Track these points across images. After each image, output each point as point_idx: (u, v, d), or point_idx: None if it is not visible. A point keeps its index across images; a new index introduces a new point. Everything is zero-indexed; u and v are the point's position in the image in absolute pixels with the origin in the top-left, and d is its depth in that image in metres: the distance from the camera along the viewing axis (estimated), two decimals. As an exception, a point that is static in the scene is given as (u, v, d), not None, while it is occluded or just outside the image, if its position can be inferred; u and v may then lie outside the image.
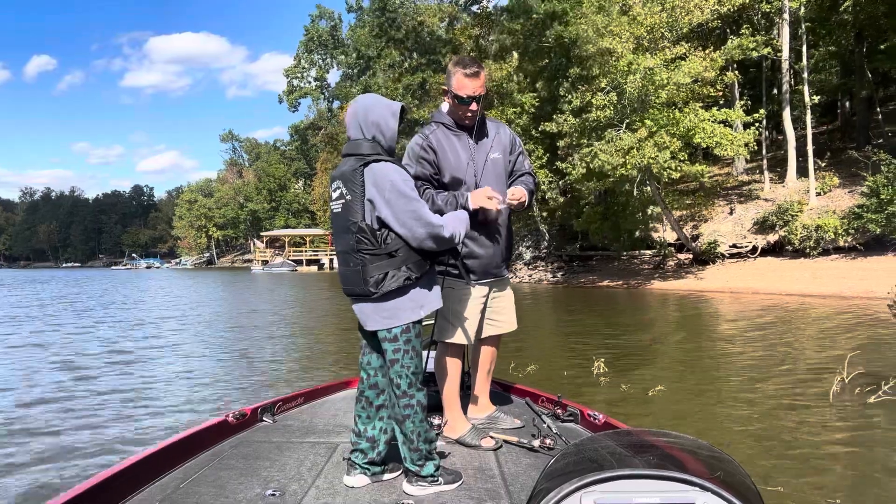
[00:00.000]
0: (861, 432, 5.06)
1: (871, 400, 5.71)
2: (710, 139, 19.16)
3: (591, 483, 1.27)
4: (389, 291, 2.35)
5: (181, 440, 2.72)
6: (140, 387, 7.36)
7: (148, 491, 2.37)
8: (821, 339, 9.92)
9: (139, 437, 5.25)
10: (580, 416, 3.11)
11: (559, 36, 24.96)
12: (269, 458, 2.73)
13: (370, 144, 2.40)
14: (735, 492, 1.24)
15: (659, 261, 25.41)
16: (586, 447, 1.58)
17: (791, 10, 23.00)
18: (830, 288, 17.18)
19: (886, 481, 3.98)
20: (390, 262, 2.34)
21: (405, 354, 2.39)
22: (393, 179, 2.31)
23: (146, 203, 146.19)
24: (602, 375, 7.11)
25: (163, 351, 10.36)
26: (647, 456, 1.43)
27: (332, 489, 2.42)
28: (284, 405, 3.47)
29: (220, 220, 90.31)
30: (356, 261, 2.37)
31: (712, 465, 1.36)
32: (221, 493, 2.35)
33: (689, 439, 1.54)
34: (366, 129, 2.42)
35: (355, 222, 2.34)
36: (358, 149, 2.40)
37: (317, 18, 73.05)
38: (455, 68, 2.87)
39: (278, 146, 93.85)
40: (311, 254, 70.16)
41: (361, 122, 2.43)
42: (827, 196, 22.73)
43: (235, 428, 3.08)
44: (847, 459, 4.43)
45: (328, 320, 16.20)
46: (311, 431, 3.14)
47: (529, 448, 2.78)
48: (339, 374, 7.63)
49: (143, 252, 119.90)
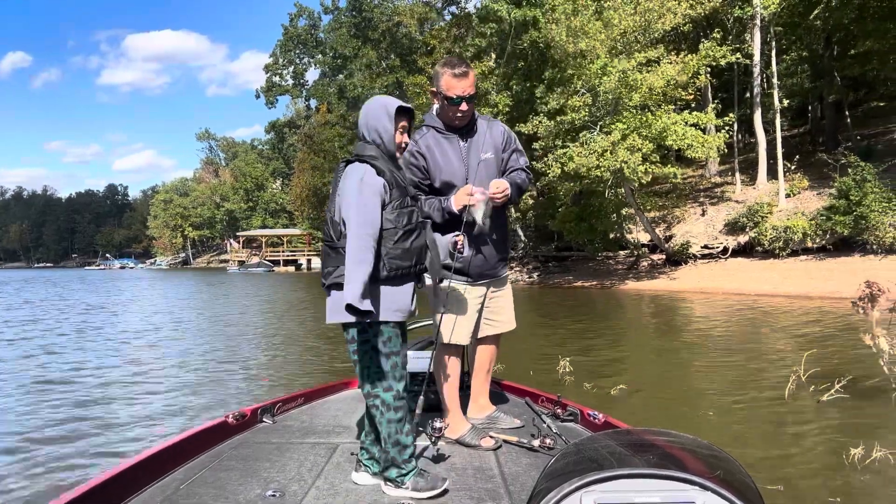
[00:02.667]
0: (811, 429, 5.16)
1: (824, 398, 5.82)
2: (681, 141, 19.40)
3: (592, 483, 1.27)
4: (334, 284, 2.39)
5: (181, 441, 2.71)
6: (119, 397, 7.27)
7: (148, 492, 2.36)
8: (784, 339, 10.09)
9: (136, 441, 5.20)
10: (580, 415, 3.13)
11: (533, 41, 25.09)
12: (270, 459, 2.73)
13: (370, 147, 2.45)
14: (735, 491, 1.24)
15: (633, 261, 25.65)
16: (586, 447, 1.59)
17: (763, 15, 23.34)
18: (798, 288, 17.48)
19: (832, 478, 4.07)
20: (339, 256, 2.38)
21: (364, 355, 2.40)
22: (352, 180, 2.36)
23: (121, 202, 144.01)
24: (567, 374, 7.17)
25: (147, 363, 10.23)
26: (647, 455, 1.44)
27: (333, 490, 2.42)
28: (284, 406, 3.47)
29: (196, 220, 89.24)
30: (327, 251, 2.46)
31: (712, 465, 1.37)
32: (222, 494, 2.35)
33: (689, 438, 1.55)
34: (367, 132, 2.47)
35: (331, 216, 2.44)
36: (360, 150, 2.46)
37: (296, 17, 72.60)
38: (443, 69, 2.85)
39: (255, 145, 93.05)
40: (289, 254, 69.68)
41: (363, 125, 2.49)
42: (796, 198, 23.12)
43: (235, 429, 3.07)
44: (796, 457, 4.51)
45: (298, 319, 16.11)
46: (311, 432, 3.13)
47: (529, 448, 2.78)
48: (326, 377, 7.62)
49: (117, 252, 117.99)
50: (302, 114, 74.62)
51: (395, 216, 2.38)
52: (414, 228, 2.44)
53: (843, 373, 6.33)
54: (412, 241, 2.42)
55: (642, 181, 20.04)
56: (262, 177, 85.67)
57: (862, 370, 6.68)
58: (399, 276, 2.40)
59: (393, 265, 2.37)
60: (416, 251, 2.44)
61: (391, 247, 2.37)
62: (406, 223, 2.40)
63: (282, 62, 73.51)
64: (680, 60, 19.79)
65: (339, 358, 9.01)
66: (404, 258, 2.40)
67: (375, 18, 41.62)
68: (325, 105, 55.55)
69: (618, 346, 10.19)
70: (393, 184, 2.40)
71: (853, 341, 7.34)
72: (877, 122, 29.47)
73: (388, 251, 2.36)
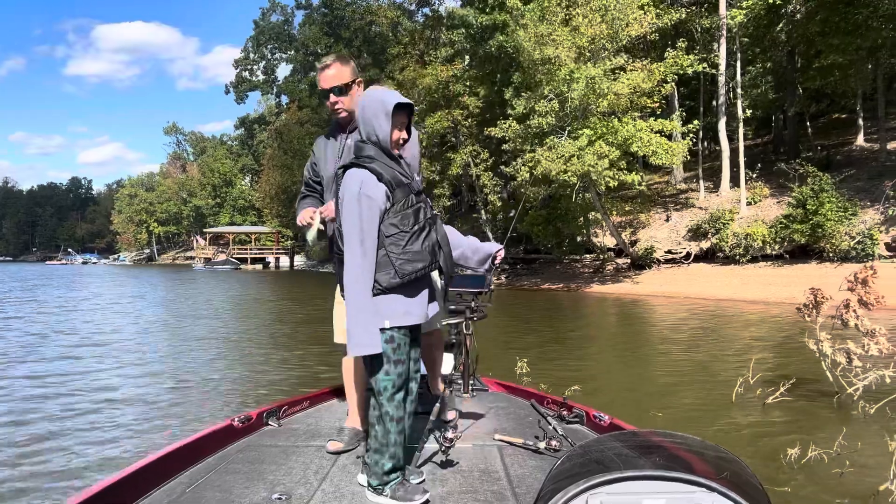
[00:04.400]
0: (754, 430, 5.30)
1: (769, 400, 5.98)
2: (647, 148, 19.70)
3: (598, 484, 1.27)
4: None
5: (187, 445, 2.68)
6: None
7: (154, 496, 2.34)
8: (739, 343, 10.32)
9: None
10: (586, 417, 3.11)
11: (501, 45, 25.26)
12: (275, 463, 2.71)
13: (368, 146, 2.32)
14: (742, 492, 1.24)
15: (599, 265, 25.98)
16: (592, 448, 1.58)
17: (729, 27, 23.83)
18: (757, 294, 17.88)
19: (769, 478, 4.18)
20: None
21: (374, 359, 2.31)
22: (351, 192, 2.25)
23: (84, 196, 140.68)
24: (525, 375, 7.22)
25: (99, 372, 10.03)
26: (653, 457, 1.44)
27: (339, 493, 2.40)
28: (290, 409, 3.44)
29: (161, 216, 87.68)
30: (334, 261, 2.39)
31: (719, 466, 1.36)
32: (227, 498, 2.33)
33: (695, 440, 1.54)
34: (364, 129, 2.33)
35: (338, 227, 2.32)
36: (358, 151, 2.33)
37: (268, 12, 71.87)
38: (318, 65, 2.88)
39: (225, 140, 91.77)
40: (257, 252, 68.91)
41: (361, 121, 2.34)
42: (757, 206, 23.64)
43: (241, 432, 3.05)
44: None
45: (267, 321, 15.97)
46: (316, 435, 3.10)
47: (535, 450, 2.77)
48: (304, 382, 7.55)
49: (79, 247, 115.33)
50: (273, 110, 73.89)
51: (400, 219, 2.26)
52: (423, 227, 2.30)
53: (791, 376, 6.50)
54: (423, 242, 2.29)
55: (609, 185, 20.32)
56: (230, 173, 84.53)
57: (808, 374, 6.88)
58: (412, 280, 2.29)
59: (405, 271, 2.25)
60: (428, 251, 2.30)
61: (400, 252, 2.24)
62: (413, 224, 2.27)
63: (253, 57, 72.73)
64: (645, 68, 20.10)
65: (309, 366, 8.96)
66: (416, 260, 2.27)
67: (348, 17, 41.42)
68: (296, 102, 55.07)
69: (578, 348, 10.31)
70: (394, 184, 2.28)
71: (802, 346, 7.54)
72: (838, 133, 30.31)
73: (397, 257, 2.24)
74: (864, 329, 5.68)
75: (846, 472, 4.13)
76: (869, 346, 5.57)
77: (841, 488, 3.96)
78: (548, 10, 20.40)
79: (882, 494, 3.72)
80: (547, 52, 19.48)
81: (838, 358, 5.82)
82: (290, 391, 6.72)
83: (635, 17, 19.78)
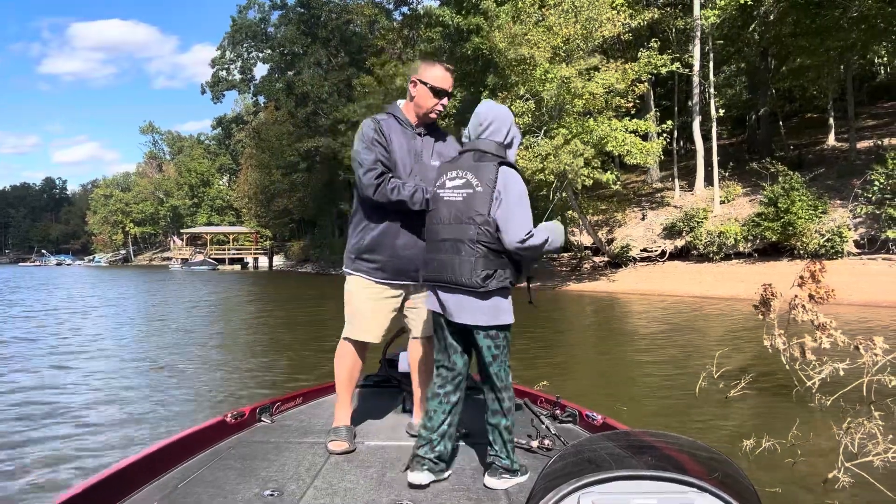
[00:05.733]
0: (715, 423, 5.42)
1: (731, 394, 6.11)
2: (621, 147, 19.90)
3: (590, 484, 1.27)
4: (493, 290, 2.41)
5: (179, 440, 2.68)
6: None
7: (146, 490, 2.33)
8: (708, 338, 10.51)
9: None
10: (579, 416, 3.13)
11: (476, 46, 25.37)
12: (268, 459, 2.71)
13: (500, 148, 2.52)
14: (733, 493, 1.24)
15: (576, 263, 26.19)
16: (585, 448, 1.59)
17: (703, 27, 24.15)
18: (728, 291, 18.14)
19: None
20: (500, 261, 2.42)
21: (504, 351, 2.48)
22: (521, 188, 2.45)
23: (59, 196, 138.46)
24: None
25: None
26: (645, 457, 1.44)
27: (331, 489, 2.40)
28: (283, 405, 3.43)
29: (138, 216, 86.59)
30: (471, 251, 2.41)
31: (710, 467, 1.37)
32: (219, 493, 2.33)
33: (687, 440, 1.55)
34: (501, 133, 2.54)
35: (482, 214, 2.40)
36: (489, 148, 2.50)
37: (245, 9, 71.15)
38: (434, 62, 2.91)
39: (202, 140, 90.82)
40: (235, 252, 68.37)
41: (499, 127, 2.54)
42: (730, 204, 23.99)
43: (234, 428, 3.04)
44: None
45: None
46: (309, 431, 3.11)
47: (528, 449, 2.77)
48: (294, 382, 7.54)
49: (53, 248, 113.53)
50: (250, 109, 73.30)
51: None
52: None
53: (753, 371, 6.65)
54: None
55: (585, 184, 20.49)
56: (208, 172, 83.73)
57: (770, 368, 7.03)
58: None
59: (514, 271, 2.51)
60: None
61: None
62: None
63: (230, 56, 71.99)
64: (618, 67, 20.29)
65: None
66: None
67: (325, 16, 41.24)
68: (273, 103, 54.71)
69: (550, 345, 10.40)
70: None
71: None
72: (810, 132, 30.85)
73: (510, 260, 2.47)
74: (817, 323, 5.83)
75: (798, 461, 4.25)
76: (821, 340, 5.72)
77: (792, 476, 4.07)
78: (522, 11, 20.51)
79: (830, 481, 3.83)
80: (522, 51, 19.60)
81: (794, 353, 5.97)
82: (281, 388, 6.72)
83: (608, 18, 19.96)
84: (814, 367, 5.93)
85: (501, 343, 2.46)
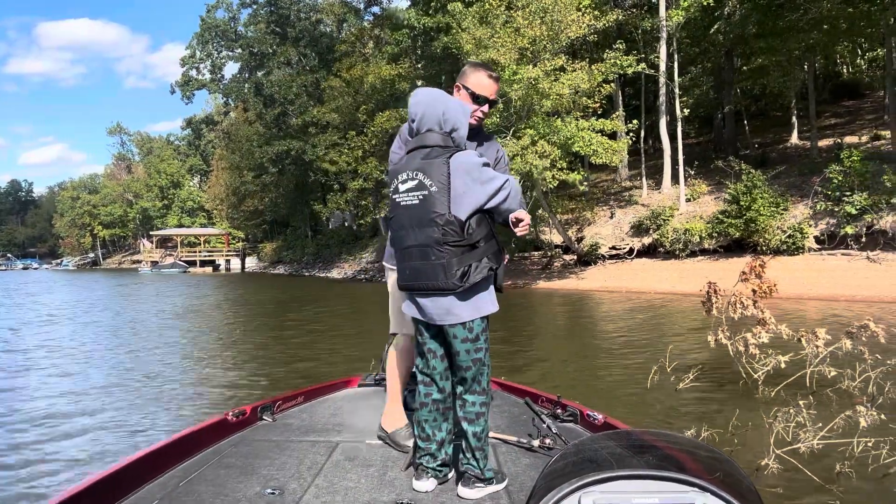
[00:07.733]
0: (662, 414, 5.58)
1: (680, 386, 6.30)
2: (588, 147, 20.14)
3: (590, 483, 1.28)
4: (475, 283, 2.32)
5: (181, 439, 2.68)
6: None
7: (148, 489, 2.34)
8: (666, 332, 10.72)
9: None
10: (580, 416, 3.12)
11: (446, 47, 25.49)
12: (269, 457, 2.71)
13: (445, 138, 2.39)
14: (734, 492, 1.25)
15: (546, 261, 26.43)
16: (585, 447, 1.58)
17: (668, 28, 24.53)
18: (693, 287, 18.35)
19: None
20: (473, 253, 2.31)
21: (485, 352, 2.40)
22: (475, 161, 2.34)
23: (24, 199, 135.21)
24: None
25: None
26: (646, 456, 1.44)
27: (332, 488, 2.40)
28: (284, 404, 3.43)
29: (106, 219, 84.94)
30: (439, 254, 2.29)
31: (711, 466, 1.37)
32: (221, 492, 2.34)
33: (688, 440, 1.58)
34: (444, 124, 2.41)
35: (442, 214, 2.29)
36: (433, 141, 2.38)
37: (213, 8, 70.36)
38: (478, 68, 2.85)
39: (172, 140, 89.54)
40: (206, 254, 67.57)
41: (439, 117, 2.41)
42: (696, 202, 24.42)
43: (235, 426, 3.05)
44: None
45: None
46: (310, 430, 3.11)
47: (528, 448, 2.77)
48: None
49: (19, 252, 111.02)
50: (221, 110, 72.49)
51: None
52: None
53: (705, 364, 6.84)
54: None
55: (550, 185, 20.71)
56: (178, 174, 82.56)
57: (721, 362, 7.23)
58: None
59: (496, 253, 2.41)
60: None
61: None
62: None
63: (199, 55, 71.12)
64: (584, 69, 20.53)
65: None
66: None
67: (293, 16, 40.96)
68: (243, 104, 54.17)
69: (519, 343, 10.53)
70: None
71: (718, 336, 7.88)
72: (774, 131, 31.53)
73: (488, 245, 2.38)
74: (758, 318, 6.03)
75: (735, 449, 4.42)
76: (761, 334, 5.92)
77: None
78: (489, 13, 20.65)
79: (762, 468, 3.99)
80: (488, 55, 19.74)
81: (739, 347, 6.16)
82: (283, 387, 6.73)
83: (573, 19, 20.19)
84: (759, 360, 6.13)
85: (482, 345, 2.39)
